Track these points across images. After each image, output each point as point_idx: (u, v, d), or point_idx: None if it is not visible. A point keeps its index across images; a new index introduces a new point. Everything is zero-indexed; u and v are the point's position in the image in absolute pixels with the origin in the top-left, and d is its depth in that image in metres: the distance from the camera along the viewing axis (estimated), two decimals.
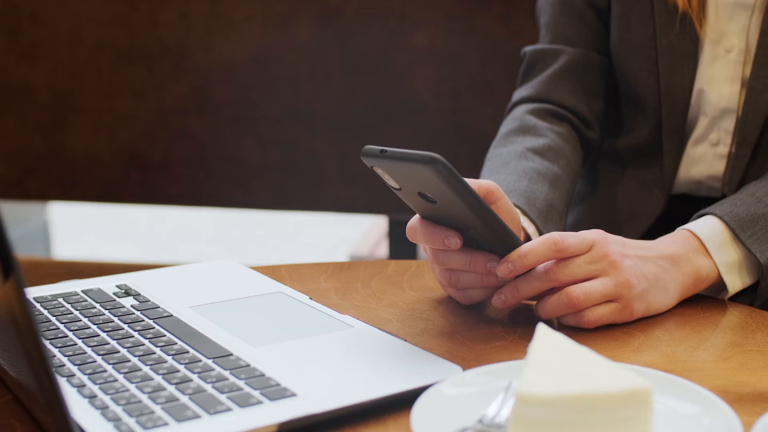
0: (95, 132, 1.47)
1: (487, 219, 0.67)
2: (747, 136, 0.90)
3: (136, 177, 1.48)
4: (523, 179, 0.86)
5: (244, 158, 1.46)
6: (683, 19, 0.90)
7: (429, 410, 0.54)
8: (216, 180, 1.47)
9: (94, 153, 1.48)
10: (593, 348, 0.68)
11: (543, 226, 0.84)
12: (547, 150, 0.92)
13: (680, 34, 0.91)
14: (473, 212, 0.66)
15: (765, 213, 0.79)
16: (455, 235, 0.70)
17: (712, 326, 0.73)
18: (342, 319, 0.72)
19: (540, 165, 0.89)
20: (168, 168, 1.47)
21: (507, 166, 0.89)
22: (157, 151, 1.47)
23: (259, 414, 0.56)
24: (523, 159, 0.89)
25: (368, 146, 0.67)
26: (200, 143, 1.46)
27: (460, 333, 0.72)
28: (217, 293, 0.79)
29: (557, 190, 0.88)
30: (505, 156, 0.91)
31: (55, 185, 1.51)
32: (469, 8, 1.36)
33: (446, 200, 0.66)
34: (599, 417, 0.49)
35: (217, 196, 1.49)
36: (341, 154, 1.44)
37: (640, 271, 0.73)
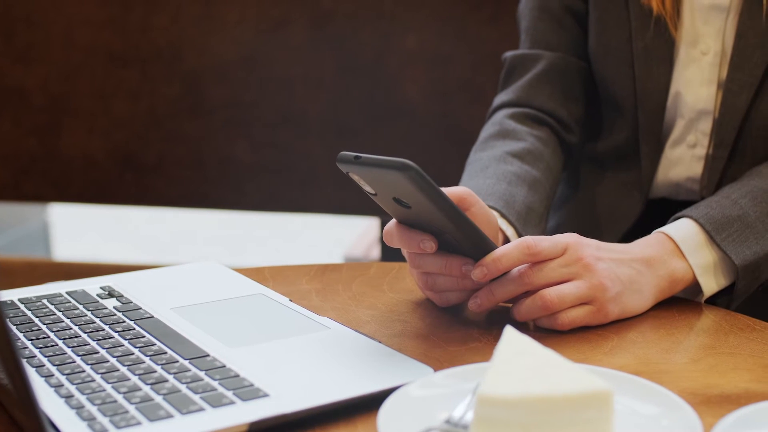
0: (90, 134, 1.49)
1: (460, 224, 0.68)
2: (724, 137, 0.90)
3: (131, 178, 1.49)
4: (502, 182, 0.87)
5: (238, 160, 1.47)
6: (658, 21, 0.91)
7: (396, 411, 0.55)
8: (210, 182, 1.48)
9: (89, 155, 1.49)
10: (566, 350, 0.69)
11: (522, 228, 0.85)
12: (527, 154, 0.92)
13: (655, 37, 0.91)
14: (447, 217, 0.67)
15: (740, 215, 0.80)
16: (430, 239, 0.71)
17: (686, 329, 0.74)
18: (319, 320, 0.73)
19: (519, 168, 0.90)
20: (162, 170, 1.48)
21: (486, 170, 0.89)
22: (151, 153, 1.48)
23: (230, 414, 0.57)
24: (502, 163, 0.90)
25: (343, 152, 0.68)
26: (194, 145, 1.47)
27: (436, 335, 0.73)
28: (198, 295, 0.80)
29: (536, 193, 0.89)
30: (484, 160, 0.92)
31: (50, 187, 1.52)
32: (459, 12, 1.37)
33: (420, 205, 0.67)
34: (560, 418, 0.50)
35: (210, 198, 1.50)
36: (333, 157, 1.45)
37: (614, 274, 0.73)
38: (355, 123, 1.44)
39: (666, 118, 0.94)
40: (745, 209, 0.81)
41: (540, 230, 0.89)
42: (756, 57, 0.88)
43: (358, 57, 1.41)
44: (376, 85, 1.41)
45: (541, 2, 1.00)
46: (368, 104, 1.42)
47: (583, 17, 0.98)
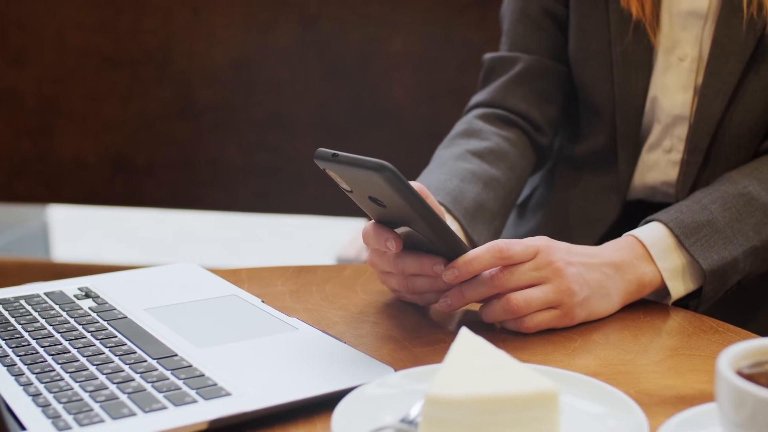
0: (82, 136, 1.50)
1: (434, 226, 0.69)
2: (698, 143, 0.91)
3: (122, 180, 1.51)
4: (455, 179, 0.88)
5: (227, 162, 1.49)
6: (637, 27, 0.92)
7: (351, 410, 0.57)
8: (200, 183, 1.50)
9: (81, 156, 1.51)
10: (530, 351, 0.71)
11: (468, 225, 0.86)
12: (488, 153, 0.93)
13: (634, 43, 0.92)
14: (421, 219, 0.68)
15: (710, 220, 0.81)
16: (394, 239, 0.72)
17: (650, 331, 0.75)
18: (288, 321, 0.75)
19: (477, 167, 0.91)
20: (152, 171, 1.50)
21: (443, 167, 0.91)
22: (141, 155, 1.50)
23: (191, 412, 0.59)
24: (460, 160, 0.92)
25: (321, 149, 0.70)
26: (184, 147, 1.49)
27: (403, 336, 0.74)
28: (173, 296, 0.81)
29: (491, 191, 0.90)
30: (445, 157, 0.93)
31: (42, 188, 1.54)
32: (445, 15, 1.39)
33: (395, 205, 0.68)
34: (507, 418, 0.51)
35: (200, 199, 1.51)
36: None
37: (583, 278, 0.74)
38: (342, 125, 1.45)
39: (643, 122, 0.95)
40: (715, 214, 0.81)
41: (493, 228, 0.90)
42: (731, 64, 0.89)
43: (345, 60, 1.42)
44: (362, 88, 1.43)
45: (522, 5, 1.01)
46: (355, 106, 1.44)
47: (563, 21, 0.99)
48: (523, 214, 1.07)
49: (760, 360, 0.51)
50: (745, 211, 0.82)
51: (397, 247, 0.72)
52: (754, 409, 0.47)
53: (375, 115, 1.44)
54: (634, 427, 0.54)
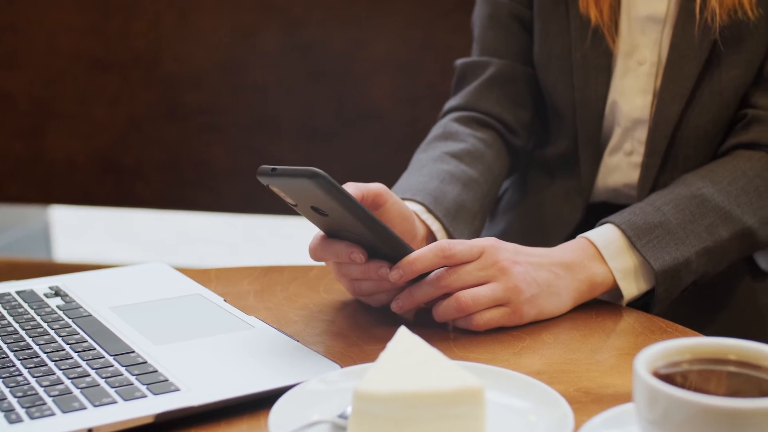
0: (72, 137, 1.53)
1: (374, 228, 0.71)
2: (656, 146, 0.93)
3: (111, 181, 1.54)
4: (434, 180, 0.90)
5: (214, 163, 1.51)
6: (596, 32, 0.94)
7: (290, 405, 0.59)
8: (187, 184, 1.52)
9: (72, 158, 1.54)
10: (478, 349, 0.72)
11: (450, 224, 0.87)
12: (465, 154, 0.95)
13: (593, 47, 0.94)
14: (360, 222, 0.70)
15: (662, 221, 0.82)
16: (359, 251, 0.74)
17: (600, 331, 0.77)
18: (246, 320, 0.77)
19: (455, 168, 0.93)
20: (141, 173, 1.53)
21: (422, 169, 0.93)
22: (130, 157, 1.52)
23: (139, 406, 0.61)
24: (438, 162, 0.93)
25: (262, 166, 0.71)
26: (172, 149, 1.51)
27: (357, 334, 0.76)
28: (139, 295, 0.84)
29: (470, 192, 0.92)
30: (423, 160, 0.95)
31: (34, 189, 1.57)
32: (427, 19, 1.40)
33: (335, 212, 0.70)
34: (433, 413, 0.53)
35: (188, 200, 1.54)
36: (306, 160, 1.49)
37: (530, 276, 0.76)
38: (326, 127, 1.47)
39: (604, 126, 0.97)
40: (667, 216, 0.83)
41: (473, 228, 0.92)
42: (687, 68, 0.91)
43: (329, 63, 1.44)
44: (346, 90, 1.45)
45: (491, 11, 1.02)
46: (338, 109, 1.46)
47: (532, 26, 1.01)
48: (495, 216, 1.09)
49: (676, 360, 0.52)
50: (698, 213, 0.84)
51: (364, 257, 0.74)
52: (666, 407, 0.49)
53: (358, 118, 1.46)
54: (559, 422, 0.56)
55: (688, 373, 0.52)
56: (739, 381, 0.52)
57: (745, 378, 0.51)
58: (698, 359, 0.52)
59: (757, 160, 0.88)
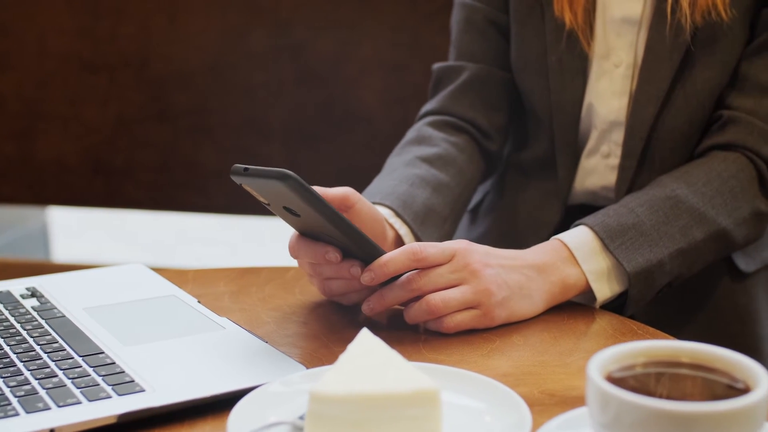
0: (62, 139, 1.54)
1: (345, 229, 0.71)
2: (632, 148, 0.93)
3: (101, 182, 1.54)
4: (404, 184, 0.90)
5: (203, 164, 1.51)
6: (570, 35, 0.94)
7: (251, 406, 0.59)
8: (176, 185, 1.53)
9: (62, 159, 1.55)
10: (447, 351, 0.72)
11: (418, 228, 0.88)
12: (437, 158, 0.95)
13: (569, 51, 0.94)
14: (331, 223, 0.70)
15: (635, 223, 0.82)
16: (334, 250, 0.74)
17: (570, 333, 0.77)
18: (218, 321, 0.77)
19: (426, 172, 0.93)
20: (130, 173, 1.53)
21: (393, 173, 0.93)
22: (120, 158, 1.53)
23: (103, 407, 0.61)
24: (409, 166, 0.94)
25: (236, 165, 0.72)
26: (161, 150, 1.52)
27: (328, 336, 0.76)
28: (115, 296, 0.84)
29: (441, 196, 0.92)
30: (395, 164, 0.95)
31: (25, 189, 1.58)
32: (413, 21, 1.41)
33: (306, 213, 0.71)
34: (388, 415, 0.53)
35: (177, 201, 1.54)
36: (294, 161, 1.49)
37: (502, 279, 0.76)
38: (314, 128, 1.47)
39: (581, 128, 0.97)
40: (641, 217, 0.83)
41: (443, 231, 0.92)
42: (662, 70, 0.91)
43: (317, 64, 1.44)
44: (334, 92, 1.45)
45: (467, 15, 1.03)
46: (326, 110, 1.46)
47: (507, 30, 1.01)
48: (475, 219, 1.09)
49: (630, 363, 0.52)
50: (672, 214, 0.84)
51: (339, 257, 0.74)
52: (617, 410, 0.49)
53: (346, 119, 1.46)
54: (516, 424, 0.56)
55: (642, 377, 0.52)
56: (693, 384, 0.52)
57: (698, 381, 0.52)
58: (652, 362, 0.52)
59: (732, 161, 0.88)
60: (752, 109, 0.89)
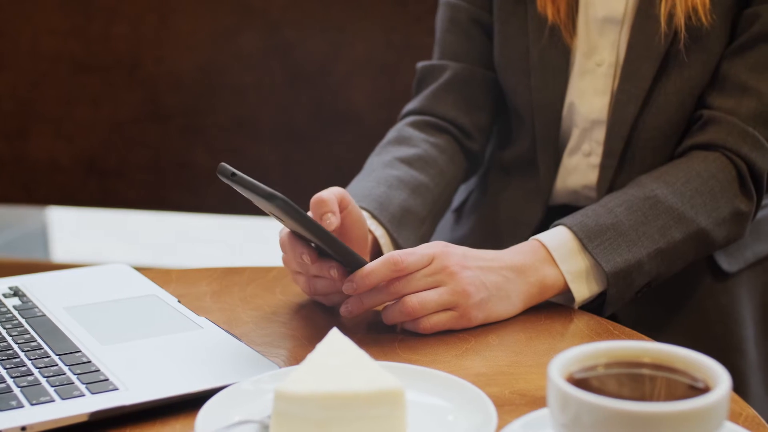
0: (56, 139, 1.55)
1: (330, 244, 0.72)
2: (613, 147, 0.93)
3: (94, 182, 1.55)
4: (381, 186, 0.90)
5: (194, 164, 1.52)
6: (553, 30, 0.94)
7: (220, 405, 0.59)
8: (168, 185, 1.53)
9: (55, 159, 1.55)
10: (422, 351, 0.73)
11: (395, 230, 0.88)
12: (416, 159, 0.96)
13: (550, 47, 0.94)
14: (317, 238, 0.72)
15: (614, 223, 0.83)
16: (309, 252, 0.76)
17: (546, 333, 0.77)
18: (196, 320, 0.78)
19: (404, 173, 0.93)
20: (123, 174, 1.54)
21: (371, 174, 0.93)
22: (112, 158, 1.54)
23: (75, 405, 0.62)
24: (388, 168, 0.94)
25: (222, 165, 0.73)
26: (153, 150, 1.53)
27: (305, 336, 0.76)
28: (96, 295, 0.84)
29: (419, 197, 0.92)
30: (374, 165, 0.96)
31: (19, 189, 1.59)
32: (403, 22, 1.41)
33: (292, 226, 0.72)
34: (353, 414, 0.54)
35: (169, 201, 1.55)
36: (285, 161, 1.50)
37: (479, 280, 0.77)
38: (304, 128, 1.48)
39: (562, 127, 0.97)
40: (620, 217, 0.83)
41: (420, 233, 0.92)
42: (644, 69, 0.91)
43: (307, 65, 1.45)
44: (324, 92, 1.46)
45: (451, 14, 1.03)
46: (317, 110, 1.47)
47: (491, 29, 1.01)
48: (459, 218, 1.09)
49: (591, 364, 0.53)
50: (651, 214, 0.84)
51: (313, 259, 0.75)
52: (576, 411, 0.49)
53: (336, 119, 1.47)
54: (481, 424, 0.56)
55: (604, 377, 0.52)
56: (654, 384, 0.52)
57: (659, 381, 0.52)
58: (613, 363, 0.52)
59: (712, 161, 0.88)
60: (732, 108, 0.90)
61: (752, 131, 0.89)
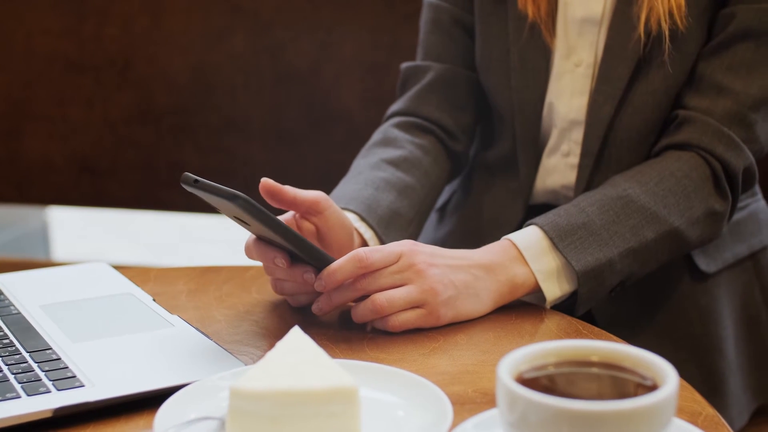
0: (49, 138, 1.56)
1: (296, 242, 0.73)
2: (590, 147, 0.93)
3: (87, 181, 1.56)
4: (369, 188, 0.91)
5: (185, 164, 1.53)
6: (533, 29, 0.94)
7: (180, 401, 0.60)
8: (160, 185, 1.54)
9: (49, 158, 1.57)
10: (390, 349, 0.73)
11: (383, 232, 0.89)
12: (402, 161, 0.96)
13: (530, 47, 0.94)
14: (282, 237, 0.72)
15: (585, 222, 0.83)
16: (283, 256, 0.76)
17: (515, 333, 0.77)
18: (168, 319, 0.78)
19: (391, 175, 0.94)
20: (115, 173, 1.55)
21: (358, 176, 0.94)
22: (105, 158, 1.55)
23: (41, 401, 0.62)
24: (375, 169, 0.94)
25: (186, 174, 0.73)
26: (145, 150, 1.54)
27: (276, 335, 0.77)
28: (72, 293, 0.85)
29: (406, 199, 0.93)
30: (361, 167, 0.96)
31: (13, 189, 1.60)
32: (392, 22, 1.42)
33: (257, 227, 0.73)
34: (307, 411, 0.54)
35: (160, 200, 1.56)
36: (274, 161, 1.51)
37: (448, 278, 0.77)
38: (294, 128, 1.49)
39: (542, 127, 0.98)
40: (591, 217, 0.83)
41: (408, 234, 0.93)
42: (620, 69, 0.91)
43: (297, 65, 1.46)
44: (314, 92, 1.46)
45: (434, 15, 1.03)
46: (307, 111, 1.47)
47: (473, 29, 1.01)
48: (442, 218, 1.10)
49: (541, 363, 0.53)
50: (623, 214, 0.84)
51: (287, 263, 0.76)
52: (523, 410, 0.49)
53: (326, 119, 1.47)
54: (434, 422, 0.57)
55: (554, 376, 0.53)
56: (603, 383, 0.52)
57: (608, 379, 0.52)
58: (563, 362, 0.53)
59: (686, 161, 0.89)
60: (708, 108, 0.90)
61: (727, 131, 0.89)
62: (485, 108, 1.04)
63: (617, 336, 0.78)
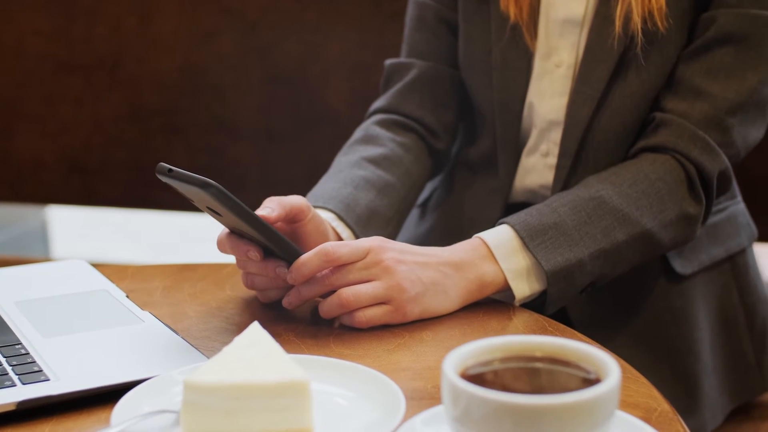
0: (40, 138, 1.57)
1: (265, 233, 0.74)
2: (568, 148, 0.94)
3: (77, 180, 1.58)
4: (348, 187, 0.92)
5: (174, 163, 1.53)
6: (514, 29, 0.95)
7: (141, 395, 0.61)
8: (150, 184, 1.55)
9: (39, 157, 1.58)
10: (353, 345, 0.74)
11: (361, 231, 0.89)
12: (383, 159, 0.97)
13: (512, 47, 0.95)
14: (253, 228, 0.73)
15: (557, 222, 0.83)
16: (256, 249, 0.77)
17: (481, 330, 0.78)
18: (139, 315, 0.79)
19: (371, 173, 0.95)
20: (105, 172, 1.56)
21: (338, 175, 0.95)
22: (95, 157, 1.56)
23: (4, 394, 0.64)
24: (355, 168, 0.95)
25: (161, 164, 0.75)
26: (134, 149, 1.55)
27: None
28: (48, 290, 0.86)
29: (385, 198, 0.94)
30: (341, 165, 0.97)
31: (6, 188, 1.61)
32: (379, 22, 1.42)
33: (229, 217, 0.74)
34: (259, 405, 0.55)
35: (150, 199, 1.57)
36: (263, 161, 1.51)
37: (415, 275, 0.78)
38: (282, 128, 1.50)
39: (522, 127, 0.98)
40: (563, 217, 0.84)
41: (386, 233, 0.93)
42: (599, 71, 0.92)
43: (284, 65, 1.47)
44: (301, 92, 1.47)
45: (419, 13, 1.04)
46: (294, 110, 1.48)
47: (457, 28, 1.02)
48: (424, 214, 1.11)
49: (487, 359, 0.54)
50: (595, 215, 0.85)
51: (259, 255, 0.77)
52: (466, 404, 0.50)
53: (313, 119, 1.48)
54: (384, 416, 0.57)
55: (500, 372, 0.53)
56: (547, 377, 0.53)
57: (552, 374, 0.53)
58: (508, 357, 0.53)
59: (660, 164, 0.89)
60: (685, 111, 0.90)
61: (702, 135, 0.89)
62: (468, 106, 1.05)
63: (591, 337, 0.78)
